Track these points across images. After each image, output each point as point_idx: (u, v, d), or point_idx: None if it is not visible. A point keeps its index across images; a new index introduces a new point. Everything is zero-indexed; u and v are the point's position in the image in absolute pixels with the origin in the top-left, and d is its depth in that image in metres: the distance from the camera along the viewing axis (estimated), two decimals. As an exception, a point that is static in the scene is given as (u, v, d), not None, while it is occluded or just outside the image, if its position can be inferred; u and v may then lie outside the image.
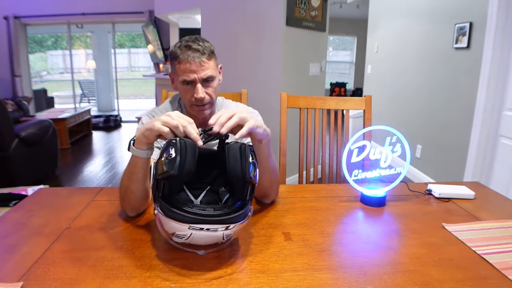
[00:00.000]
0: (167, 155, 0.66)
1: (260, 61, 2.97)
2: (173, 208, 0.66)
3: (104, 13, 5.92)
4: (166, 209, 0.66)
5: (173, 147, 0.67)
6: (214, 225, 0.66)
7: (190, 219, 0.65)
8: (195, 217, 0.65)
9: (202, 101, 1.00)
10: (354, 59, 9.08)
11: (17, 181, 2.67)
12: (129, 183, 0.83)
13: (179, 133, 0.72)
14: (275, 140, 1.54)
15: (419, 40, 3.31)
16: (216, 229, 0.66)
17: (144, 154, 0.79)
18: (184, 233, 0.67)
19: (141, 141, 0.78)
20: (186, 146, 0.67)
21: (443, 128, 2.93)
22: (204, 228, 0.65)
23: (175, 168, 0.64)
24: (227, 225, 0.67)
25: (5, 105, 2.79)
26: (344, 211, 0.98)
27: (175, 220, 0.65)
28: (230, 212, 0.68)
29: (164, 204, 0.67)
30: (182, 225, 0.65)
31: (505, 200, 1.10)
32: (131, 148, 0.80)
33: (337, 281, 0.65)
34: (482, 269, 0.70)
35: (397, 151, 0.99)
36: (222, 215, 0.66)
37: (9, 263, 0.69)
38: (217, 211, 0.67)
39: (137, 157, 0.80)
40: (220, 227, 0.66)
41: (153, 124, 0.73)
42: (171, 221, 0.66)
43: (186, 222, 0.65)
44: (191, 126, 0.73)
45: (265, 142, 0.86)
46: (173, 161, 0.65)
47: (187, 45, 0.97)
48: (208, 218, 0.65)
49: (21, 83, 6.03)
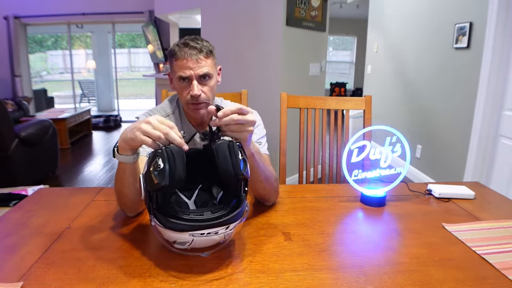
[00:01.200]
0: (155, 166, 0.64)
1: (260, 61, 2.97)
2: (171, 218, 0.65)
3: (104, 13, 5.92)
4: (164, 220, 0.65)
5: (160, 157, 0.64)
6: (215, 228, 0.65)
7: (189, 227, 0.64)
8: (194, 224, 0.64)
9: (197, 98, 0.98)
10: (354, 59, 9.08)
11: (17, 181, 2.67)
12: (122, 187, 0.83)
13: (162, 142, 0.68)
14: (275, 140, 1.55)
15: (419, 40, 3.31)
16: (217, 232, 0.66)
17: (130, 159, 0.77)
18: (186, 240, 0.67)
19: (124, 148, 0.76)
20: (173, 154, 0.65)
21: (443, 128, 2.93)
22: (205, 233, 0.65)
23: (166, 178, 0.63)
24: (226, 225, 0.66)
25: (5, 105, 2.79)
26: (344, 211, 0.98)
27: (175, 230, 0.65)
28: (228, 212, 0.67)
29: (160, 216, 0.66)
30: (182, 234, 0.65)
31: (505, 200, 1.10)
32: (116, 155, 0.78)
33: (337, 281, 0.65)
34: (482, 269, 0.70)
35: (397, 151, 0.99)
36: (221, 216, 0.66)
37: (9, 263, 0.69)
38: (215, 213, 0.66)
39: (125, 163, 0.78)
40: (220, 229, 0.66)
41: (135, 134, 0.70)
42: (171, 232, 0.65)
43: (186, 230, 0.64)
44: (173, 131, 0.69)
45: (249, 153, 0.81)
46: (163, 171, 0.63)
47: (185, 42, 0.97)
48: (208, 223, 0.65)
49: (21, 83, 6.03)
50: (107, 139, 5.32)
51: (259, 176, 0.88)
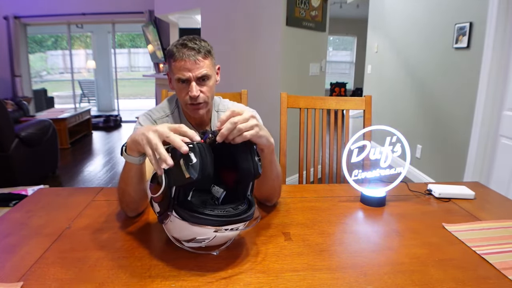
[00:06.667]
0: (187, 160, 0.64)
1: (260, 61, 2.97)
2: (195, 214, 0.65)
3: (104, 13, 5.92)
4: (188, 215, 0.65)
5: (192, 151, 0.65)
6: (237, 224, 0.67)
7: (216, 222, 0.65)
8: (220, 219, 0.65)
9: (196, 99, 0.99)
10: (354, 59, 9.08)
11: (17, 181, 2.67)
12: (126, 186, 0.83)
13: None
14: (275, 140, 1.54)
15: (419, 40, 3.31)
16: (238, 228, 0.68)
17: (136, 161, 0.78)
18: (207, 237, 0.68)
19: (132, 149, 0.76)
20: (204, 149, 0.66)
21: (443, 128, 2.93)
22: (228, 228, 0.66)
23: (198, 172, 0.63)
24: (245, 222, 0.69)
25: (5, 105, 2.79)
26: (344, 211, 0.98)
27: (201, 225, 0.65)
28: (247, 209, 0.69)
29: (183, 211, 0.66)
30: (207, 228, 0.65)
31: (505, 200, 1.10)
32: (124, 154, 0.79)
33: (337, 281, 0.65)
34: (482, 269, 0.70)
35: (397, 151, 0.99)
36: (242, 213, 0.68)
37: (9, 263, 0.69)
38: (236, 210, 0.68)
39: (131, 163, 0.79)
40: (240, 226, 0.68)
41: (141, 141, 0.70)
42: (194, 226, 0.66)
43: (212, 225, 0.65)
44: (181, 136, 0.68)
45: (267, 151, 0.83)
46: (196, 166, 0.63)
47: (183, 43, 0.97)
48: (233, 218, 0.66)
49: (21, 83, 6.03)
50: (107, 139, 5.32)
51: (271, 173, 0.89)
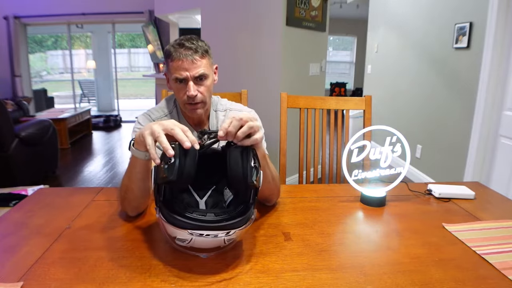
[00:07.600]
0: (166, 160, 0.65)
1: (260, 61, 2.97)
2: (173, 214, 0.65)
3: (104, 13, 5.91)
4: (167, 214, 0.66)
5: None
6: (214, 231, 0.65)
7: (189, 225, 0.64)
8: (194, 223, 0.64)
9: (194, 99, 1.00)
10: (354, 59, 9.08)
11: (17, 181, 2.67)
12: (130, 182, 0.83)
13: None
14: (275, 140, 1.55)
15: (419, 40, 3.30)
16: (216, 235, 0.66)
17: (142, 156, 0.78)
18: (185, 238, 0.67)
19: (139, 143, 0.77)
20: (185, 150, 0.65)
21: (443, 128, 2.93)
22: (203, 234, 0.65)
23: (174, 173, 0.63)
24: (227, 231, 0.66)
25: (5, 105, 2.79)
26: (344, 211, 0.98)
27: (174, 225, 0.65)
28: (231, 217, 0.66)
29: (164, 209, 0.66)
30: (182, 231, 0.65)
31: (505, 200, 1.10)
32: (131, 148, 0.80)
33: (337, 281, 0.65)
34: (482, 269, 0.70)
35: (397, 151, 0.99)
36: (222, 220, 0.65)
37: (9, 263, 0.69)
38: (218, 216, 0.66)
39: (136, 158, 0.79)
40: (220, 233, 0.65)
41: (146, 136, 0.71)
42: (171, 227, 0.66)
43: (185, 228, 0.64)
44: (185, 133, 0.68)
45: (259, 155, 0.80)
46: (172, 166, 0.64)
47: (180, 43, 0.98)
48: (208, 225, 0.64)
49: (21, 83, 6.03)
50: (107, 139, 5.32)
51: (267, 176, 0.88)
